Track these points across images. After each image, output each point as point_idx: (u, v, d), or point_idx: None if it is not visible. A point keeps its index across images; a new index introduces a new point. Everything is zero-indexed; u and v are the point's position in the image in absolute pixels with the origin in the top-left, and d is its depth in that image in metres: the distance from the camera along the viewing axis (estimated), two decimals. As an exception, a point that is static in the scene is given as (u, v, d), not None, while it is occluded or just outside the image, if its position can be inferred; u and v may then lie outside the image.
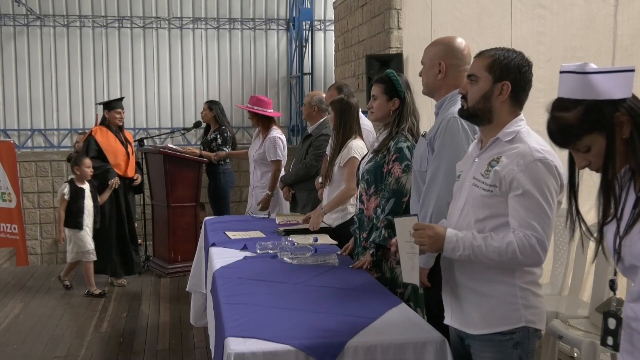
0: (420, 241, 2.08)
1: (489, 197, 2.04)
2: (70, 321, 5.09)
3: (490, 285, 2.07)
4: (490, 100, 2.09)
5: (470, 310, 2.12)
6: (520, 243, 1.95)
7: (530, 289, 2.07)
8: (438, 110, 2.72)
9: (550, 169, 1.98)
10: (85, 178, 5.70)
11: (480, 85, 2.10)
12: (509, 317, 2.05)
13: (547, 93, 4.04)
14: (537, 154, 1.98)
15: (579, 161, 1.62)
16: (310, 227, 3.97)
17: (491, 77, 2.08)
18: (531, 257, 1.96)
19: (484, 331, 2.09)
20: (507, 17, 4.59)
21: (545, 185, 1.97)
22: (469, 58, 2.66)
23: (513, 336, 2.05)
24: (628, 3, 3.44)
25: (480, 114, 2.12)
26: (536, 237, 1.95)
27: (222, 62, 11.18)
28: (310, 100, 5.04)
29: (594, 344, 2.89)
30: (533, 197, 1.96)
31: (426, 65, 2.73)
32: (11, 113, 10.56)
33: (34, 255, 10.17)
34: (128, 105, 10.84)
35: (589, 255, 3.48)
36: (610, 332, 1.56)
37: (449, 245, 2.03)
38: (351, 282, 2.91)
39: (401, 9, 6.75)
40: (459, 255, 2.04)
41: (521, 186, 1.96)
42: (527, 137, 2.04)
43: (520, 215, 1.96)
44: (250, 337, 2.18)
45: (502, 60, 2.08)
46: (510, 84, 2.07)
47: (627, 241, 1.51)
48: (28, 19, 10.48)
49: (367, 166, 3.27)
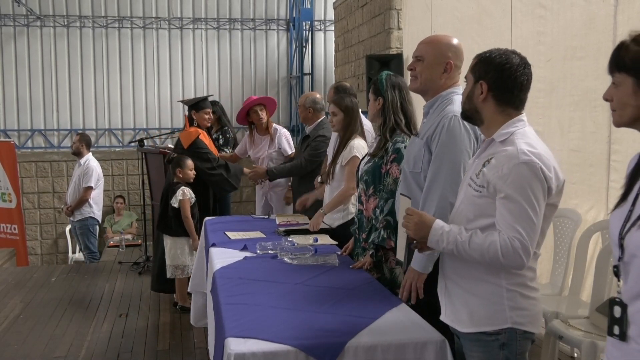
0: (407, 225, 2.12)
1: (478, 197, 2.05)
2: (71, 321, 5.09)
3: (477, 284, 2.08)
4: (472, 100, 2.11)
5: (460, 308, 2.13)
6: (504, 244, 1.94)
7: (518, 291, 2.04)
8: (428, 110, 2.70)
9: (536, 171, 1.93)
10: (187, 181, 5.08)
11: (467, 86, 2.14)
12: (494, 318, 2.05)
13: (546, 93, 4.04)
14: (523, 157, 1.94)
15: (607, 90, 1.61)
16: (311, 228, 3.97)
17: (473, 77, 2.12)
18: (512, 259, 1.95)
19: (471, 329, 2.09)
20: (507, 17, 4.59)
21: (529, 189, 1.93)
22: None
23: (499, 337, 2.04)
24: (628, 3, 3.44)
25: (470, 115, 2.16)
26: (520, 240, 1.93)
27: (222, 62, 11.19)
28: (305, 102, 5.03)
29: (594, 344, 2.89)
30: (516, 201, 1.94)
31: (429, 62, 2.65)
32: (11, 113, 10.57)
33: (34, 256, 10.18)
34: (128, 106, 10.88)
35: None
36: (616, 321, 1.55)
37: (434, 237, 2.06)
38: (351, 283, 2.91)
39: (401, 9, 6.76)
40: (443, 248, 2.07)
41: (504, 190, 1.95)
42: (519, 138, 2.01)
43: (505, 218, 1.96)
44: (250, 338, 2.19)
45: (483, 60, 2.10)
46: (486, 83, 2.07)
47: (634, 231, 1.50)
48: (28, 20, 10.49)
49: (365, 167, 3.27)
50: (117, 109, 10.87)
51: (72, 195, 7.29)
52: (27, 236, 9.45)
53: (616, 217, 1.58)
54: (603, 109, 3.62)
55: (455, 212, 2.19)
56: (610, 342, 1.60)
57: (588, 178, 3.75)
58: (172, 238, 5.06)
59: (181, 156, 5.16)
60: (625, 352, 1.54)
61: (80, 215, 7.24)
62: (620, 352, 1.55)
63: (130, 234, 9.42)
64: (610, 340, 1.59)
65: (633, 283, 1.51)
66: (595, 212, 3.74)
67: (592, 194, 3.75)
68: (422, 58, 2.67)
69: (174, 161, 5.16)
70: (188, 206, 4.98)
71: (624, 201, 1.58)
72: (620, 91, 1.56)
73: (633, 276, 1.51)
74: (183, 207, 4.96)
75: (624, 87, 1.55)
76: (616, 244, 1.55)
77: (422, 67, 2.67)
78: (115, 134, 10.95)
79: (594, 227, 3.59)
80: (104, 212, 8.44)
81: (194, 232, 4.97)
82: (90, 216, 7.28)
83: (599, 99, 3.68)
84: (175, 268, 5.05)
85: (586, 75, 3.76)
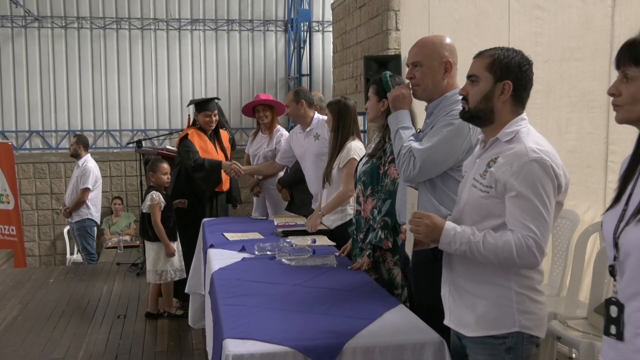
0: (417, 229, 2.04)
1: (485, 198, 2.02)
2: (69, 323, 5.08)
3: (486, 287, 2.05)
4: (491, 101, 2.07)
5: (466, 312, 2.10)
6: (518, 243, 1.92)
7: (527, 294, 2.03)
8: (432, 110, 2.66)
9: (547, 169, 1.93)
10: (162, 185, 4.97)
11: (481, 85, 2.07)
12: (502, 321, 2.03)
13: (544, 94, 4.05)
14: (532, 154, 1.94)
15: (614, 85, 1.56)
16: (309, 229, 3.97)
17: (492, 77, 2.06)
18: (527, 259, 1.93)
19: (478, 334, 2.07)
20: (505, 18, 4.60)
21: (541, 187, 1.92)
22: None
23: (506, 340, 2.03)
24: (625, 4, 3.45)
25: (482, 115, 2.09)
26: (534, 239, 1.92)
27: (220, 63, 11.18)
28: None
29: (592, 345, 2.89)
30: (528, 199, 1.92)
31: (428, 65, 2.59)
32: (9, 114, 10.55)
33: (31, 257, 10.17)
34: (126, 107, 10.87)
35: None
36: (613, 320, 1.54)
37: (446, 238, 2.00)
38: (349, 284, 2.91)
39: (399, 10, 6.76)
40: (455, 250, 2.01)
41: (515, 188, 1.93)
42: (525, 136, 2.01)
43: (517, 216, 1.94)
44: (248, 339, 2.19)
45: (502, 59, 2.06)
46: (511, 83, 2.05)
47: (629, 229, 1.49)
48: (26, 21, 10.48)
49: (364, 168, 3.27)
50: (115, 110, 10.86)
51: (70, 197, 7.28)
52: (25, 238, 9.44)
53: (610, 218, 1.58)
54: (600, 109, 3.63)
55: (459, 214, 2.15)
56: (606, 343, 1.59)
57: (585, 179, 3.75)
58: (150, 243, 5.01)
59: (156, 159, 5.08)
60: (621, 353, 1.53)
61: (78, 216, 7.24)
62: (616, 353, 1.55)
63: (129, 235, 9.42)
64: (606, 341, 1.59)
65: (628, 282, 1.51)
66: (593, 213, 3.74)
67: (590, 195, 3.76)
68: (420, 63, 2.61)
69: (148, 164, 5.06)
70: (157, 211, 4.86)
71: (617, 202, 1.57)
72: (634, 86, 1.51)
73: (628, 275, 1.51)
74: (152, 213, 4.87)
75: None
76: (611, 244, 1.55)
77: (422, 73, 2.61)
78: (113, 135, 10.94)
79: (591, 228, 3.60)
80: (102, 214, 8.43)
81: (165, 238, 4.87)
82: (88, 217, 7.28)
83: (597, 100, 3.71)
84: (154, 273, 4.98)
85: (583, 76, 3.76)
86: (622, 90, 1.54)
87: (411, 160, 2.53)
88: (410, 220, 2.08)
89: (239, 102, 11.14)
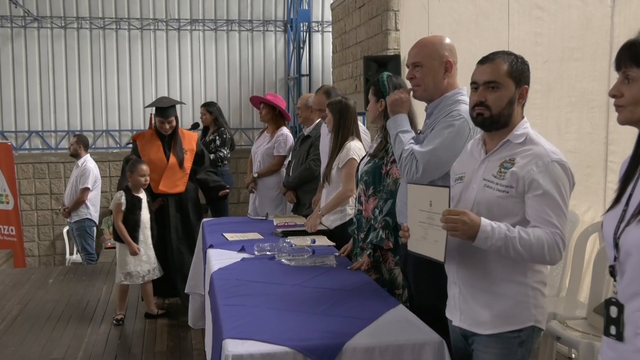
0: (453, 227, 1.99)
1: (504, 198, 2.06)
2: (68, 323, 5.08)
3: (504, 284, 2.10)
4: (513, 106, 2.13)
5: (480, 311, 2.13)
6: (549, 240, 1.98)
7: (540, 289, 2.11)
8: (432, 111, 2.67)
9: (566, 170, 2.04)
10: (139, 186, 4.95)
11: (505, 91, 2.11)
12: (519, 316, 2.08)
13: (543, 94, 4.05)
14: (553, 156, 2.04)
15: (615, 86, 1.57)
16: (308, 229, 3.97)
17: (513, 82, 2.12)
18: (554, 254, 2.00)
19: (494, 330, 2.10)
20: (504, 18, 4.60)
21: (562, 186, 2.02)
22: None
23: (520, 334, 2.09)
24: (625, 4, 3.45)
25: (503, 120, 2.13)
26: (560, 235, 2.00)
27: (219, 63, 11.18)
28: (306, 102, 5.04)
29: (591, 345, 2.89)
30: (553, 197, 2.00)
31: (428, 66, 2.60)
32: (8, 115, 10.55)
33: (31, 257, 10.16)
34: (125, 107, 10.87)
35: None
36: (613, 321, 1.55)
37: (483, 234, 1.98)
38: (349, 284, 2.91)
39: (399, 10, 6.76)
40: (490, 246, 1.99)
41: (541, 187, 2.00)
42: (537, 139, 2.11)
43: (543, 214, 2.00)
44: (248, 339, 2.19)
45: (516, 64, 2.13)
46: (528, 88, 2.14)
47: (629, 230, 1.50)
48: (25, 21, 10.48)
49: (365, 167, 3.28)
50: (115, 110, 10.86)
51: (70, 197, 7.28)
52: (25, 238, 9.44)
53: (610, 218, 1.59)
54: (600, 110, 3.63)
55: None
56: (605, 343, 1.60)
57: (585, 179, 3.75)
58: (118, 244, 5.03)
59: (136, 160, 5.05)
60: (620, 353, 1.54)
61: (77, 216, 7.23)
62: (615, 353, 1.55)
63: (128, 236, 9.39)
64: (605, 341, 1.59)
65: (628, 282, 1.51)
66: (593, 213, 3.74)
67: (590, 195, 3.76)
68: (420, 63, 2.61)
69: (128, 164, 5.06)
70: (118, 212, 4.88)
71: (618, 203, 1.58)
72: (636, 87, 1.52)
73: (628, 275, 1.51)
74: (114, 213, 4.92)
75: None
76: (611, 244, 1.56)
77: (422, 73, 2.61)
78: (112, 135, 10.94)
79: (591, 228, 3.60)
80: (102, 214, 8.43)
81: (127, 238, 4.86)
82: (88, 218, 7.27)
83: (596, 100, 3.72)
84: (123, 274, 4.98)
85: (583, 77, 3.77)
86: (624, 92, 1.55)
87: (413, 163, 2.54)
88: (444, 219, 2.02)
89: (239, 102, 11.16)
